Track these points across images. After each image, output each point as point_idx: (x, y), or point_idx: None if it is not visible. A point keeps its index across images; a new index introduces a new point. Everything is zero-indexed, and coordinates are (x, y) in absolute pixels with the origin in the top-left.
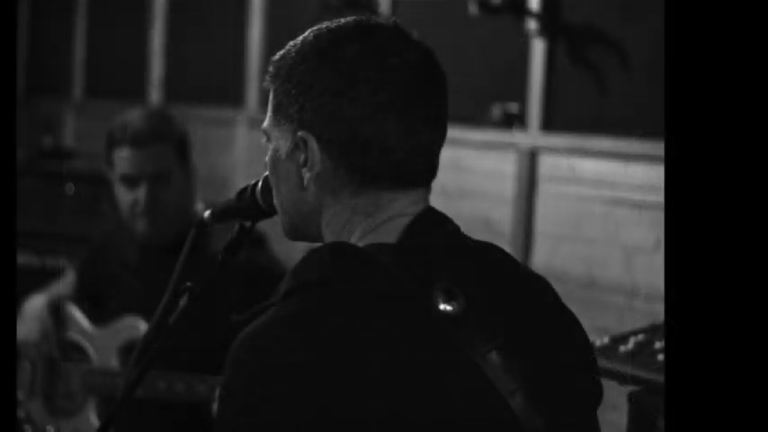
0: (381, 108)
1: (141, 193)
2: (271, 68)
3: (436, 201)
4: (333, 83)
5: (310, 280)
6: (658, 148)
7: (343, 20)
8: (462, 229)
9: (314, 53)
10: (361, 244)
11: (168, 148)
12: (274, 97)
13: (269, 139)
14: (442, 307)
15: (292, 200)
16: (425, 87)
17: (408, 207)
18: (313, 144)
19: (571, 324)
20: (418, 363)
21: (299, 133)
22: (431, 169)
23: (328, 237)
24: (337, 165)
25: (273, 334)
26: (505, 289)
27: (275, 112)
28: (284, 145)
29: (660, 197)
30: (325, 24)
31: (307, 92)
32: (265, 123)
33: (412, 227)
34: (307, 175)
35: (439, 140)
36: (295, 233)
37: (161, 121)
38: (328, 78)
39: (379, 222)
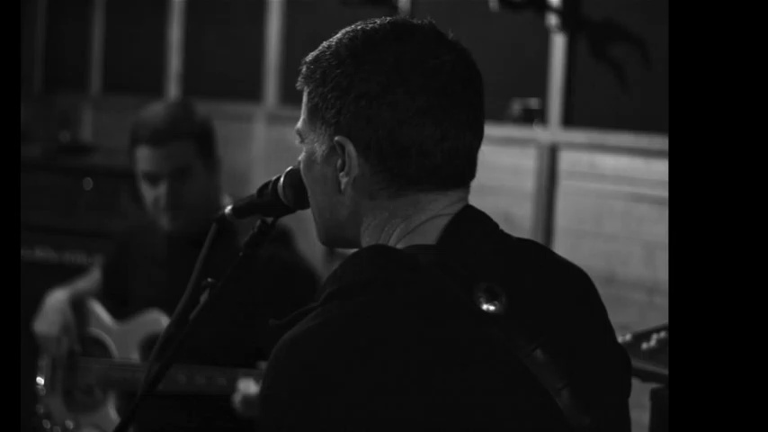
0: (420, 113)
1: (162, 189)
2: (304, 69)
3: None
4: (370, 87)
5: (351, 283)
6: None
7: (377, 20)
8: None
9: (350, 56)
10: (399, 246)
11: (188, 144)
12: (309, 100)
13: (303, 141)
14: (484, 307)
15: (328, 204)
16: (463, 90)
17: (447, 207)
18: (350, 148)
19: (608, 320)
20: (462, 364)
21: (336, 138)
22: (470, 171)
23: (366, 240)
24: (375, 169)
25: (315, 339)
26: (547, 286)
27: (310, 114)
28: (320, 148)
29: None
30: (359, 25)
31: (343, 96)
32: (299, 125)
33: (451, 227)
34: (344, 179)
35: (477, 143)
36: (330, 238)
37: (180, 116)
38: (365, 82)
39: (417, 224)
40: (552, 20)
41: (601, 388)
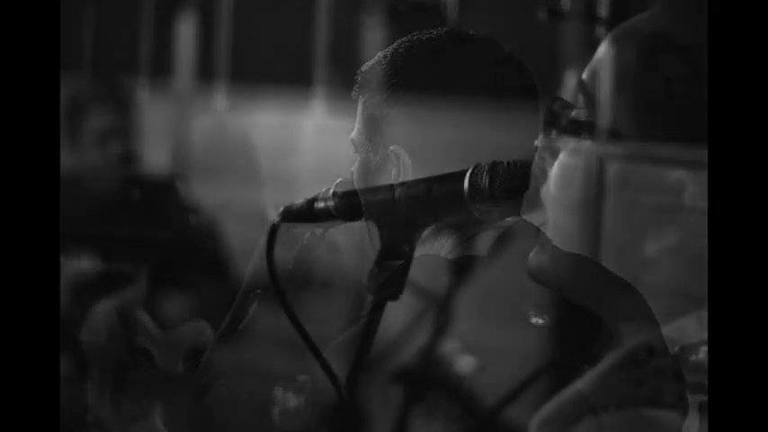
0: (476, 123)
1: None
2: (359, 79)
3: None
4: (425, 96)
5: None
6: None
7: (434, 30)
8: None
9: (406, 65)
10: (451, 257)
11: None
12: (364, 109)
13: (357, 150)
14: (533, 320)
15: (384, 214)
16: (519, 101)
17: (500, 219)
18: (405, 158)
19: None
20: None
21: (392, 147)
22: (524, 183)
23: (420, 250)
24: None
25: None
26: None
27: (365, 124)
28: (375, 158)
29: None
30: (415, 35)
31: (398, 105)
32: (353, 134)
33: (503, 239)
34: (399, 188)
35: (532, 154)
36: (385, 248)
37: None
38: (421, 92)
39: (470, 235)
40: (600, 31)
41: None
